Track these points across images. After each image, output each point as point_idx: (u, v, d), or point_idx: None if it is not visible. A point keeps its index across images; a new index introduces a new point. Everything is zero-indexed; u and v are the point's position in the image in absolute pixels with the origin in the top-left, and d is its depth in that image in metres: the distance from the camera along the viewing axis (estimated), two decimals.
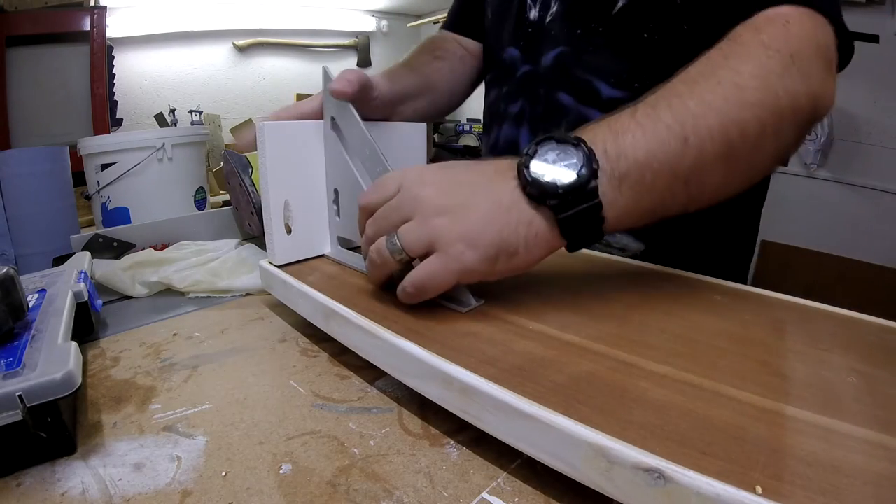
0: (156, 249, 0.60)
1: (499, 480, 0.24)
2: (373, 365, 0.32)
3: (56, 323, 0.32)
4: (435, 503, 0.23)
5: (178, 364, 0.37)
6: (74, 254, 0.54)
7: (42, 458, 0.26)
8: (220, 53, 2.19)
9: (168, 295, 0.52)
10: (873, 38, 1.69)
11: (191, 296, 0.51)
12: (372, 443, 0.27)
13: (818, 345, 0.30)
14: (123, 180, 0.88)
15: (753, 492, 0.18)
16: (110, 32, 1.63)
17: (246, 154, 0.63)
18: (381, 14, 2.63)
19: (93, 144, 0.88)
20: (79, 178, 0.86)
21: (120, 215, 0.89)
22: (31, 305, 0.35)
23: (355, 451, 0.27)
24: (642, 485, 0.19)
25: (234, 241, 0.61)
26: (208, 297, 0.51)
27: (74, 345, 0.29)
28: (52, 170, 0.72)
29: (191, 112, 1.85)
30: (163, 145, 0.89)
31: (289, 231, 0.43)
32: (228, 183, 0.69)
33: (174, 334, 0.42)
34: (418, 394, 0.29)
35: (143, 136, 0.89)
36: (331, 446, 0.27)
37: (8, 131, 1.44)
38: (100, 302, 0.45)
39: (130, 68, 1.92)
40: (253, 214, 0.64)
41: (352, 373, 0.35)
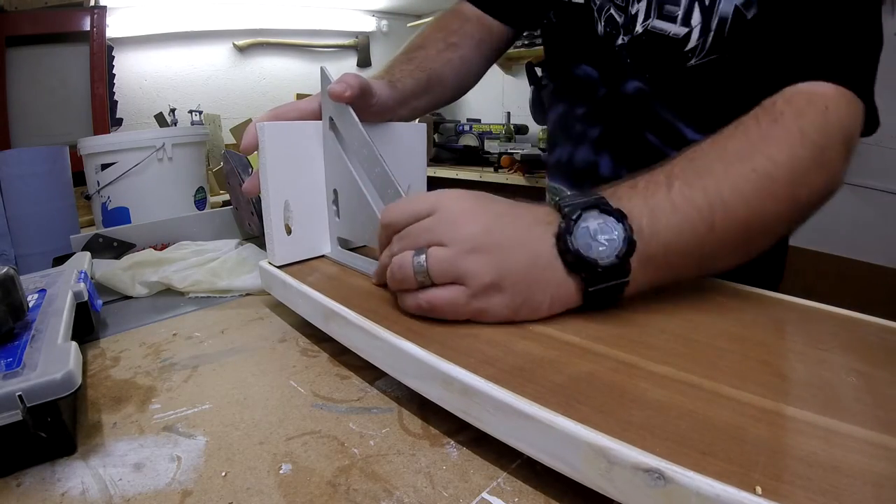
0: (156, 249, 0.60)
1: (499, 480, 0.24)
2: (373, 365, 0.32)
3: (56, 323, 0.32)
4: (435, 503, 0.23)
5: (178, 364, 0.37)
6: (74, 254, 0.54)
7: (42, 458, 0.26)
8: (220, 53, 2.19)
9: (168, 295, 0.52)
10: None
11: (191, 296, 0.51)
12: (372, 443, 0.27)
13: (818, 345, 0.30)
14: (123, 180, 0.88)
15: (753, 492, 0.17)
16: (110, 32, 1.63)
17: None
18: (381, 14, 2.63)
19: (93, 144, 0.88)
20: (79, 178, 0.87)
21: (120, 215, 0.90)
22: (31, 305, 0.35)
23: (355, 451, 0.27)
24: (642, 485, 0.19)
25: (234, 241, 0.61)
26: (208, 297, 0.51)
27: (74, 345, 0.29)
28: (52, 170, 0.72)
29: (191, 112, 1.85)
30: (163, 145, 0.89)
31: (289, 231, 0.43)
32: (228, 183, 0.69)
33: (174, 334, 0.42)
34: (418, 394, 0.29)
35: (143, 136, 0.90)
36: (331, 446, 0.27)
37: (8, 131, 1.44)
38: (100, 302, 0.45)
39: (130, 68, 1.92)
40: (253, 214, 0.64)
41: (352, 373, 0.35)
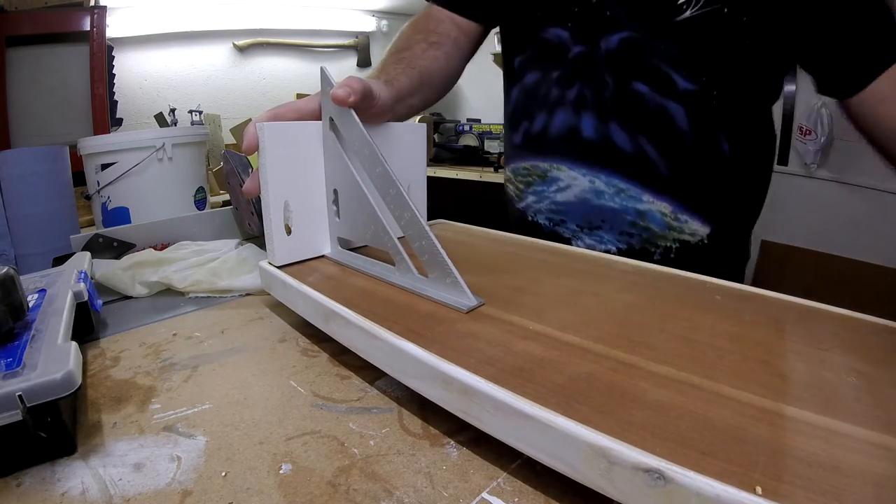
0: (156, 249, 0.60)
1: (499, 480, 0.24)
2: (373, 365, 0.32)
3: (56, 323, 0.32)
4: (435, 503, 0.23)
5: (178, 364, 0.37)
6: (74, 254, 0.54)
7: (42, 458, 0.26)
8: (220, 53, 2.19)
9: (168, 295, 0.52)
10: None
11: (191, 296, 0.51)
12: (372, 443, 0.27)
13: (818, 345, 0.30)
14: (123, 180, 0.88)
15: (754, 492, 0.17)
16: (110, 32, 1.63)
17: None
18: (381, 14, 2.63)
19: (93, 144, 0.88)
20: (79, 178, 0.87)
21: (120, 215, 0.90)
22: (31, 305, 0.35)
23: (355, 451, 0.27)
24: (642, 485, 0.19)
25: (234, 241, 0.61)
26: (208, 297, 0.51)
27: (74, 345, 0.29)
28: (52, 170, 0.72)
29: (191, 112, 1.85)
30: (163, 145, 0.89)
31: (288, 232, 0.43)
32: (228, 183, 0.69)
33: (174, 334, 0.42)
34: (418, 394, 0.29)
35: (143, 136, 0.90)
36: (331, 446, 0.27)
37: (8, 131, 1.43)
38: (100, 302, 0.45)
39: (130, 68, 1.92)
40: (253, 214, 0.64)
41: (352, 373, 0.35)
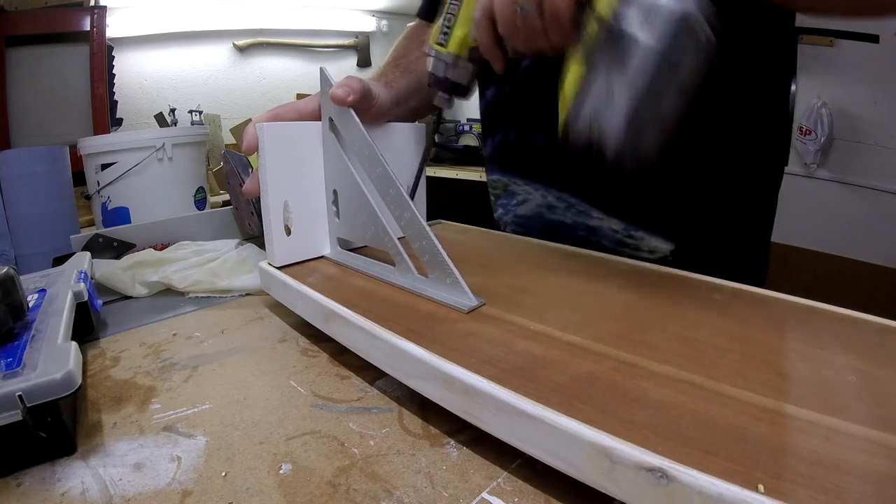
0: (156, 249, 0.60)
1: (499, 480, 0.24)
2: (373, 365, 0.32)
3: (56, 323, 0.32)
4: (435, 503, 0.23)
5: (178, 364, 0.37)
6: (74, 254, 0.54)
7: (42, 458, 0.26)
8: (220, 53, 2.19)
9: (168, 295, 0.52)
10: (873, 38, 1.69)
11: (191, 296, 0.51)
12: (372, 443, 0.27)
13: (819, 344, 0.30)
14: (123, 180, 0.88)
15: (756, 491, 0.17)
16: (110, 32, 1.63)
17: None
18: (381, 14, 2.63)
19: (93, 144, 0.88)
20: (79, 178, 0.87)
21: (120, 215, 0.90)
22: (31, 305, 0.35)
23: (355, 451, 0.27)
24: (645, 484, 0.19)
25: (234, 241, 0.61)
26: (208, 297, 0.51)
27: (74, 345, 0.29)
28: (52, 170, 0.72)
29: (191, 112, 1.85)
30: (163, 145, 0.89)
31: (288, 232, 0.43)
32: (228, 183, 0.69)
33: (174, 334, 0.42)
34: (418, 394, 0.29)
35: (143, 136, 0.90)
36: (331, 446, 0.27)
37: (8, 131, 1.44)
38: (100, 302, 0.45)
39: (130, 68, 1.92)
40: (253, 214, 0.64)
41: (352, 373, 0.35)
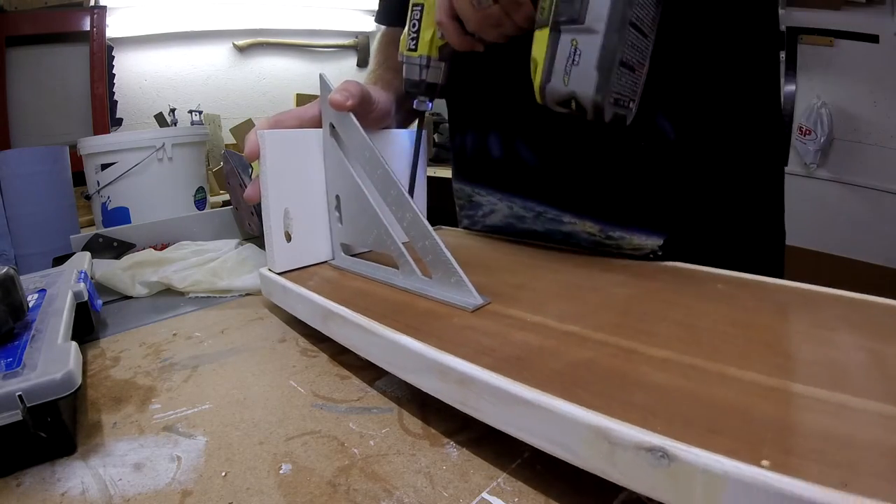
0: (156, 249, 0.60)
1: (499, 480, 0.24)
2: (373, 365, 0.32)
3: (56, 323, 0.32)
4: (435, 503, 0.23)
5: (178, 364, 0.37)
6: (74, 254, 0.54)
7: (42, 458, 0.26)
8: (220, 53, 2.19)
9: (168, 295, 0.52)
10: (873, 38, 1.70)
11: (191, 296, 0.51)
12: (372, 443, 0.27)
13: (826, 325, 0.29)
14: (123, 180, 0.88)
15: (763, 467, 0.17)
16: (110, 32, 1.63)
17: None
18: None
19: (93, 144, 0.88)
20: (79, 178, 0.87)
21: (120, 215, 0.90)
22: (31, 305, 0.35)
23: (355, 451, 0.27)
24: (645, 465, 0.18)
25: (234, 241, 0.61)
26: (208, 297, 0.51)
27: (74, 345, 0.29)
28: (52, 170, 0.72)
29: (191, 112, 1.85)
30: (163, 145, 0.89)
31: (288, 238, 0.43)
32: (228, 183, 0.69)
33: (174, 334, 0.42)
34: (418, 394, 0.29)
35: (143, 136, 0.90)
36: (331, 446, 0.27)
37: (8, 131, 1.44)
38: (100, 302, 0.45)
39: (130, 68, 1.92)
40: (253, 214, 0.64)
41: (351, 373, 0.35)
